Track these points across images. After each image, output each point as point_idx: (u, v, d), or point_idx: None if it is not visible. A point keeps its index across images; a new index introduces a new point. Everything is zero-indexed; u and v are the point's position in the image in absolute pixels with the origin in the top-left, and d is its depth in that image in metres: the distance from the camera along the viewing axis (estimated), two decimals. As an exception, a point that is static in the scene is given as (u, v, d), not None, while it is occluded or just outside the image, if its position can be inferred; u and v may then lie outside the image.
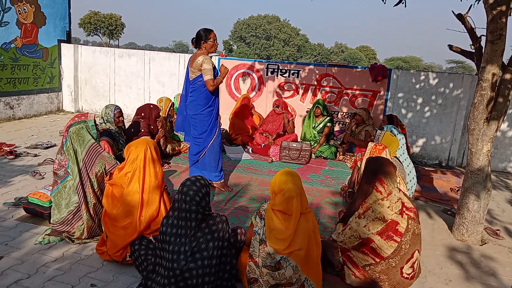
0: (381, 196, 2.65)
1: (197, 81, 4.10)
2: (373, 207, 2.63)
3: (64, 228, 3.09)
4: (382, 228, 2.59)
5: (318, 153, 6.21)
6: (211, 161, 4.29)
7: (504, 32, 3.29)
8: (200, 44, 4.12)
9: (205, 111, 4.15)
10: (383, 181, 2.67)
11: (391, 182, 2.67)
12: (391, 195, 2.64)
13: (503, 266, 3.24)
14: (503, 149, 6.47)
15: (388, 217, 2.60)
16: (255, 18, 62.62)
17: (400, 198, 2.68)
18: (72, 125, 3.18)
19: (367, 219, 2.63)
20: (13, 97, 7.29)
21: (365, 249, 2.67)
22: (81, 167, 3.07)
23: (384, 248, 2.58)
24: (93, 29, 53.40)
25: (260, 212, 2.60)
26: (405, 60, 59.39)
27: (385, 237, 2.58)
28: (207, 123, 4.19)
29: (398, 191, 2.71)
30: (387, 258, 2.59)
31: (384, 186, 2.66)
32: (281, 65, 7.19)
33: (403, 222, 2.61)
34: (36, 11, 7.53)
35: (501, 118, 3.45)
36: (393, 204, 2.62)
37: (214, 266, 2.38)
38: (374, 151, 3.51)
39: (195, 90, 4.13)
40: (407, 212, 2.66)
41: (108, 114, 4.60)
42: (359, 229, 2.66)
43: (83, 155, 3.08)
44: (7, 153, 5.04)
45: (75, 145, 3.10)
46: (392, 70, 6.72)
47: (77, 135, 3.12)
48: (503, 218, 4.36)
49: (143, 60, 8.15)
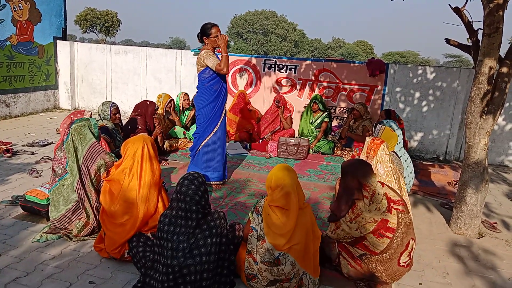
0: (367, 200, 2.60)
1: (200, 77, 4.14)
2: (363, 215, 2.60)
3: (62, 225, 3.08)
4: (373, 228, 2.58)
5: (316, 149, 6.21)
6: (203, 159, 4.26)
7: (501, 26, 3.29)
8: (203, 40, 4.14)
9: (207, 107, 4.16)
10: (364, 184, 2.62)
11: (371, 182, 2.62)
12: (375, 195, 2.59)
13: (500, 259, 3.25)
14: (500, 142, 6.48)
15: (378, 217, 2.58)
16: (252, 13, 62.45)
17: (385, 193, 2.64)
18: (74, 122, 3.13)
19: (358, 224, 2.61)
20: (9, 95, 7.26)
21: (358, 246, 2.67)
22: (81, 165, 3.05)
23: (377, 245, 2.58)
24: (89, 26, 53.11)
25: (257, 208, 2.60)
26: (403, 54, 59.37)
27: (377, 235, 2.57)
28: (206, 119, 4.18)
29: (380, 186, 2.67)
30: (381, 253, 2.60)
31: (367, 189, 2.61)
32: (278, 61, 7.17)
33: (393, 218, 2.58)
34: (31, 8, 7.48)
35: (498, 111, 3.45)
36: (379, 204, 2.59)
37: (212, 262, 2.38)
38: (371, 145, 3.50)
39: (199, 85, 4.19)
40: (395, 206, 2.62)
41: (104, 111, 4.59)
42: (351, 232, 2.64)
43: (84, 153, 3.06)
44: (4, 151, 5.02)
45: (76, 142, 3.07)
46: (389, 64, 6.71)
47: (79, 132, 3.09)
48: (500, 211, 4.38)
49: (140, 56, 8.11)
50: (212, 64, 3.97)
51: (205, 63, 4.02)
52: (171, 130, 5.93)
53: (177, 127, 5.97)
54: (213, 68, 3.99)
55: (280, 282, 2.47)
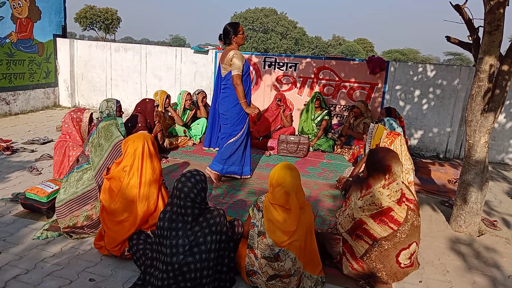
0: (384, 182, 2.64)
1: (229, 76, 4.14)
2: (373, 193, 2.64)
3: (64, 212, 3.05)
4: (376, 212, 2.60)
5: (316, 146, 6.21)
6: (225, 154, 4.32)
7: (501, 23, 3.28)
8: (230, 40, 4.15)
9: (237, 106, 4.20)
10: (391, 168, 2.65)
11: (396, 170, 2.66)
12: (392, 184, 2.63)
13: (500, 257, 3.26)
14: (501, 140, 6.48)
15: (385, 204, 2.60)
16: (252, 11, 62.29)
17: (401, 188, 2.68)
18: (102, 120, 3.33)
19: (364, 202, 2.64)
20: (9, 93, 7.25)
21: (359, 230, 2.68)
22: (105, 160, 3.15)
23: (378, 230, 2.60)
24: (89, 24, 53.04)
25: (257, 204, 2.60)
26: (403, 52, 59.23)
27: (378, 221, 2.60)
28: (236, 118, 4.24)
29: (401, 182, 2.71)
30: (380, 240, 2.60)
31: (390, 174, 2.64)
32: (278, 58, 7.16)
33: (401, 211, 2.61)
34: (31, 5, 7.46)
35: (498, 109, 3.44)
36: (392, 193, 2.62)
37: (212, 259, 2.39)
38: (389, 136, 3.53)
39: (227, 86, 4.19)
40: (407, 203, 2.66)
41: (110, 107, 4.57)
42: (355, 210, 2.68)
43: (110, 149, 3.18)
44: (4, 149, 5.02)
45: (100, 139, 3.21)
46: (389, 62, 6.70)
47: (106, 130, 3.24)
48: (500, 209, 4.38)
49: (140, 54, 8.10)
50: (238, 70, 4.03)
51: (233, 62, 4.04)
52: (171, 128, 5.93)
53: (177, 125, 5.96)
54: (235, 73, 4.03)
55: (280, 278, 2.48)
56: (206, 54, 7.64)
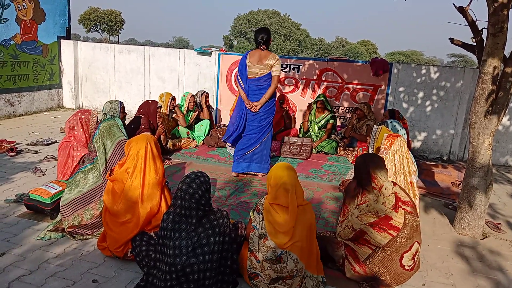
0: (376, 191, 2.65)
1: (267, 78, 4.47)
2: (369, 202, 2.64)
3: (69, 210, 3.08)
4: (374, 221, 2.60)
5: (319, 148, 6.20)
6: (265, 153, 4.68)
7: (505, 25, 3.27)
8: (269, 44, 4.49)
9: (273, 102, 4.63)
10: (373, 175, 2.67)
11: (380, 176, 2.67)
12: (383, 189, 2.64)
13: (505, 260, 3.24)
14: (505, 142, 6.45)
15: (382, 213, 2.60)
16: (255, 13, 62.37)
17: (394, 192, 2.67)
18: (102, 122, 3.45)
19: (360, 211, 2.65)
20: (14, 94, 7.29)
21: (360, 241, 2.68)
22: (110, 157, 3.25)
23: (378, 239, 2.59)
24: (93, 26, 53.24)
25: (257, 207, 2.61)
26: (406, 54, 59.16)
27: (378, 229, 2.59)
28: (270, 117, 4.63)
29: (391, 184, 2.70)
30: (383, 248, 2.60)
31: (375, 181, 2.66)
32: (281, 60, 7.15)
33: (399, 217, 2.59)
34: (35, 7, 7.51)
35: (502, 111, 3.43)
36: (386, 198, 2.62)
37: (215, 261, 2.38)
38: (389, 137, 3.53)
39: (264, 87, 4.48)
40: (403, 206, 2.64)
41: (114, 109, 4.59)
42: (353, 220, 2.67)
43: (113, 148, 3.27)
44: (8, 150, 5.05)
45: (104, 139, 3.31)
46: (393, 64, 6.69)
47: (108, 130, 3.35)
48: (505, 212, 4.36)
49: (143, 56, 8.13)
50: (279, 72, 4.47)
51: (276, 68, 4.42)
52: (174, 129, 5.93)
53: (180, 127, 5.97)
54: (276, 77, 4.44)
55: (283, 279, 2.47)
56: (209, 56, 7.66)
